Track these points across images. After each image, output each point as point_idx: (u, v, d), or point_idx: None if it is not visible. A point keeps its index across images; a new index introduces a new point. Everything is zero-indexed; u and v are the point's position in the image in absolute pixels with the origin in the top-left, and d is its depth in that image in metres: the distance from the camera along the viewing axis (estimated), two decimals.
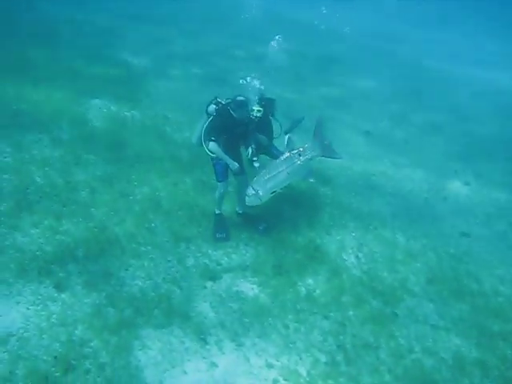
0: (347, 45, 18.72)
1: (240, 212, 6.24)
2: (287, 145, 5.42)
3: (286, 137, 5.87)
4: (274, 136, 6.49)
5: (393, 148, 9.92)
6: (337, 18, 19.00)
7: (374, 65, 16.43)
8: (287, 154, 5.26)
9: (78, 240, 5.23)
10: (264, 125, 6.25)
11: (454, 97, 14.25)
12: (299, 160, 5.22)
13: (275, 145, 6.60)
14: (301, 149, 5.27)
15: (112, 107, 8.58)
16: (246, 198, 5.50)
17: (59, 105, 8.09)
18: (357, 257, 5.87)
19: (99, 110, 8.37)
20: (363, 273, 5.59)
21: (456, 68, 18.36)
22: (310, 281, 5.36)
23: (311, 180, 5.33)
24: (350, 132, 10.38)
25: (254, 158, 6.27)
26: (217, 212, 6.03)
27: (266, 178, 5.30)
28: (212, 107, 5.81)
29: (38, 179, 6.06)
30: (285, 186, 5.52)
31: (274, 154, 6.45)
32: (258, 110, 6.07)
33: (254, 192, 5.37)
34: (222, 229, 5.88)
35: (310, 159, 5.30)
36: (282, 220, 6.30)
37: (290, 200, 6.75)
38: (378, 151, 9.61)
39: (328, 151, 5.35)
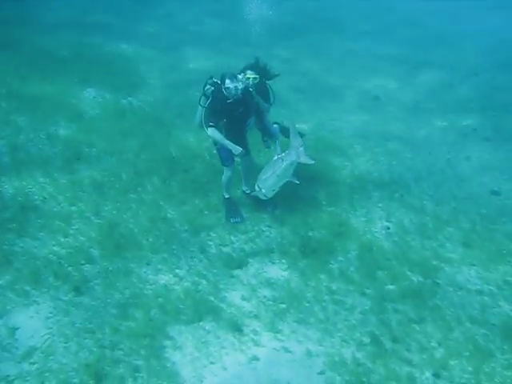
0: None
1: (248, 192, 6.00)
2: (276, 149, 5.42)
3: (277, 142, 5.66)
4: (271, 103, 6.06)
5: (405, 110, 9.58)
6: None
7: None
8: (275, 157, 5.37)
9: (92, 239, 5.00)
10: (261, 93, 5.85)
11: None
12: (283, 164, 5.26)
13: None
14: (283, 154, 5.32)
15: (107, 95, 8.23)
16: (255, 192, 5.61)
17: (52, 98, 7.74)
18: (387, 228, 5.64)
19: (94, 100, 8.03)
20: (395, 244, 5.37)
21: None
22: (341, 258, 5.15)
23: (296, 182, 5.34)
24: (359, 97, 10.03)
25: (265, 139, 6.01)
26: (226, 196, 5.80)
27: (263, 177, 5.41)
28: (208, 88, 5.46)
29: (41, 179, 5.80)
30: (281, 186, 5.47)
31: (265, 127, 6.04)
32: (254, 78, 5.71)
33: (258, 189, 5.48)
34: (234, 213, 5.66)
35: (291, 164, 5.26)
36: (300, 198, 6.05)
37: (304, 176, 6.49)
38: (390, 115, 9.29)
39: (302, 157, 5.31)
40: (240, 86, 5.25)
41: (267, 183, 5.39)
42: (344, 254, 5.19)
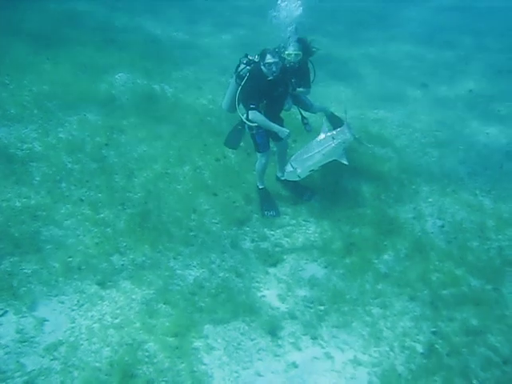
0: None
1: (282, 178, 5.65)
2: (323, 127, 5.09)
3: (324, 119, 5.38)
4: (310, 84, 5.71)
5: (456, 99, 8.94)
6: None
7: None
8: (322, 136, 5.02)
9: (119, 229, 4.80)
10: (302, 71, 5.47)
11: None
12: (333, 143, 4.94)
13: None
14: (334, 132, 5.00)
15: (138, 81, 8.05)
16: (285, 173, 5.20)
17: (83, 84, 7.62)
18: (440, 226, 5.18)
19: (125, 85, 7.87)
20: (450, 244, 4.91)
21: None
22: (388, 257, 4.75)
23: (344, 162, 4.97)
24: (405, 85, 9.46)
25: (305, 121, 5.67)
26: (260, 187, 5.47)
27: (304, 156, 5.04)
28: (243, 68, 5.11)
29: (69, 165, 5.66)
30: (321, 166, 5.15)
31: (305, 104, 5.95)
32: (296, 54, 5.30)
33: (292, 169, 5.10)
34: (269, 205, 5.33)
35: (343, 143, 4.96)
36: (341, 190, 5.68)
37: (346, 167, 6.09)
38: (438, 104, 8.68)
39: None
40: (280, 62, 4.91)
41: (306, 163, 5.03)
42: (392, 253, 4.79)
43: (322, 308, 4.15)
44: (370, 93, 8.99)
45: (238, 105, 5.19)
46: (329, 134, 4.99)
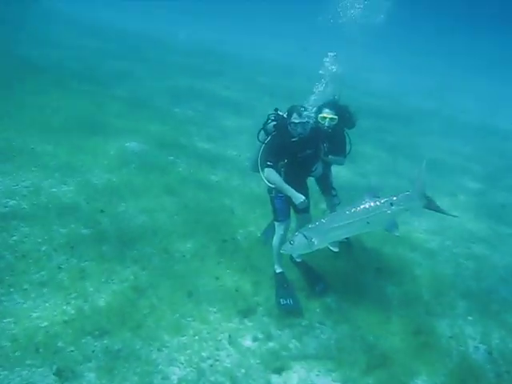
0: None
1: (298, 260, 5.08)
2: (367, 194, 4.38)
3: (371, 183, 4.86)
4: (347, 153, 5.35)
5: (488, 212, 8.58)
6: None
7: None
8: (368, 204, 4.27)
9: (98, 307, 4.16)
10: (336, 140, 5.12)
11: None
12: (389, 209, 4.25)
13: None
14: (394, 198, 4.31)
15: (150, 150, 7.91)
16: (288, 244, 4.34)
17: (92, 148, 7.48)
18: (487, 353, 4.42)
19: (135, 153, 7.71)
20: (501, 379, 4.12)
21: None
22: (423, 381, 3.95)
23: (396, 234, 4.29)
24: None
25: (334, 192, 5.28)
26: (277, 271, 4.88)
27: (331, 226, 4.26)
28: (270, 124, 4.78)
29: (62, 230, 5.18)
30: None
31: (326, 183, 5.50)
32: (332, 119, 5.03)
33: (303, 240, 4.23)
34: (286, 292, 4.67)
35: (406, 210, 4.32)
36: (365, 291, 5.06)
37: (370, 265, 5.56)
38: (470, 215, 8.30)
39: (433, 204, 4.38)
40: (309, 123, 4.58)
41: (330, 234, 4.24)
42: (426, 378, 4.01)
43: None
44: None
45: (261, 164, 4.76)
46: (383, 199, 4.28)
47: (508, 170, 11.86)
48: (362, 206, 4.28)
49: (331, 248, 4.28)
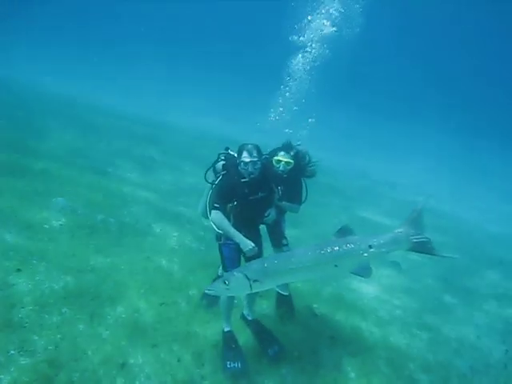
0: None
1: (250, 318, 4.62)
2: (341, 229, 3.98)
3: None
4: (302, 202, 5.03)
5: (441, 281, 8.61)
6: None
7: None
8: (343, 244, 3.82)
9: None
10: (291, 186, 4.82)
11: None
12: (367, 252, 3.83)
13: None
14: (374, 239, 3.90)
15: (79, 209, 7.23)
16: (219, 284, 3.76)
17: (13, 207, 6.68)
18: None
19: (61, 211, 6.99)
20: None
21: None
22: None
23: (366, 277, 3.92)
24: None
25: (285, 241, 4.97)
26: (226, 329, 4.39)
27: (286, 267, 3.76)
28: (219, 163, 4.51)
29: None
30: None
31: (277, 231, 5.00)
32: (287, 163, 4.75)
33: (245, 282, 3.68)
34: (234, 354, 4.17)
35: (386, 252, 3.92)
36: (321, 363, 4.64)
37: (324, 334, 5.18)
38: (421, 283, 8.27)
39: (426, 246, 3.94)
40: (259, 163, 4.27)
41: (282, 277, 3.74)
42: None
43: None
44: None
45: (209, 208, 4.35)
46: (360, 240, 3.84)
47: None
48: (331, 246, 3.83)
49: (279, 291, 3.81)
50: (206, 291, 3.81)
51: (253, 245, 4.12)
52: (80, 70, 31.61)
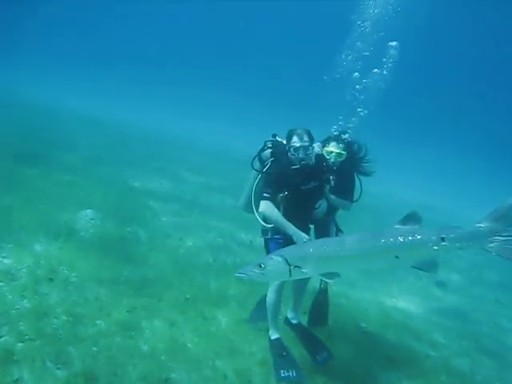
0: None
1: (295, 322, 4.29)
2: (407, 217, 3.44)
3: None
4: (354, 200, 4.58)
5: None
6: None
7: None
8: (410, 233, 3.33)
9: None
10: (343, 180, 4.35)
11: None
12: (437, 245, 3.30)
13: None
14: (449, 232, 3.33)
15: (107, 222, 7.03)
16: (254, 267, 3.31)
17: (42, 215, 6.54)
18: None
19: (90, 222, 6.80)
20: None
21: None
22: None
23: (434, 275, 3.62)
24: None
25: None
26: (273, 337, 4.04)
27: (337, 253, 3.30)
28: (266, 151, 4.16)
29: None
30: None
31: (326, 235, 4.54)
32: (339, 154, 4.39)
33: (285, 267, 3.25)
34: (286, 362, 3.79)
35: (459, 248, 3.35)
36: (372, 377, 4.21)
37: (379, 353, 4.78)
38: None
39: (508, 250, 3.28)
40: (312, 149, 3.94)
41: (334, 263, 3.29)
42: None
43: None
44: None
45: (255, 201, 4.03)
46: (430, 231, 3.34)
47: None
48: (393, 235, 3.34)
49: (324, 279, 3.38)
50: (237, 275, 3.34)
51: (308, 237, 3.68)
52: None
